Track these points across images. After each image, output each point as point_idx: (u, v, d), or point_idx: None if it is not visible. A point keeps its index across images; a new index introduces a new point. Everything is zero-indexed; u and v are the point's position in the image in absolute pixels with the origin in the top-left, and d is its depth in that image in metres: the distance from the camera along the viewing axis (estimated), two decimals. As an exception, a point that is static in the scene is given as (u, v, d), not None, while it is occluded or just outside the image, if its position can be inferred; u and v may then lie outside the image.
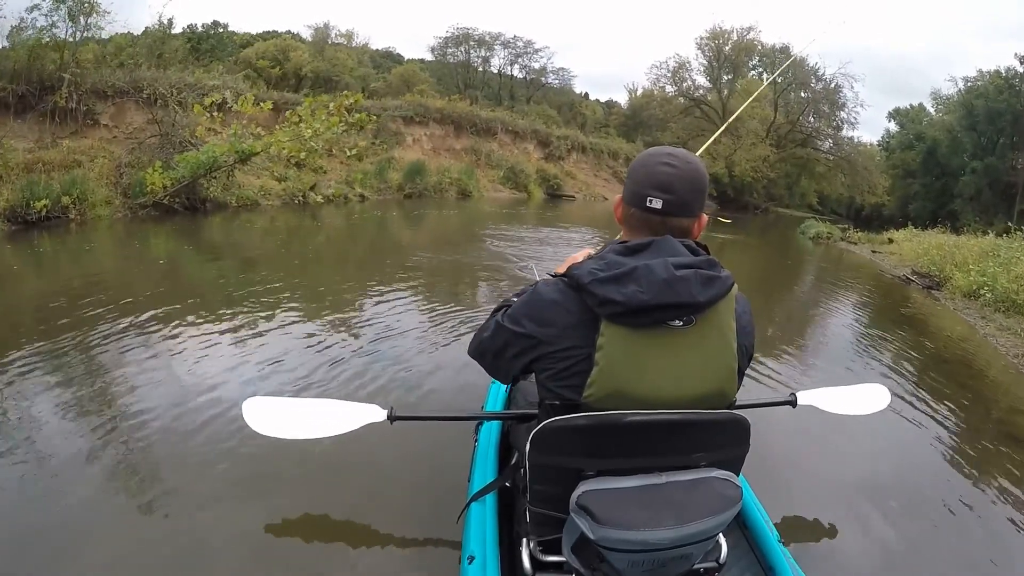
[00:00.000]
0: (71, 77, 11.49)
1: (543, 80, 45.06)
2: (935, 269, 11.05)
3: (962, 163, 35.23)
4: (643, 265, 1.22)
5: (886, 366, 5.49)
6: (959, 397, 4.84)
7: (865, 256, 15.65)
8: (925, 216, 32.71)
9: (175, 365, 3.91)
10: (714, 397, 1.31)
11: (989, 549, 2.73)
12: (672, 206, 1.31)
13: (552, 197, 26.10)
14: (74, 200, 9.28)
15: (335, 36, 39.95)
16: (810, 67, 38.22)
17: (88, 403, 3.30)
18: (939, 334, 7.25)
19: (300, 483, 2.70)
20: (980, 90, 34.18)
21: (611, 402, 1.26)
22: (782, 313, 7.94)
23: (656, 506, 1.25)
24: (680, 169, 1.32)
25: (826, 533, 2.68)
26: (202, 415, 3.19)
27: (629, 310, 1.20)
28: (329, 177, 15.79)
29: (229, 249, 8.94)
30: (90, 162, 10.86)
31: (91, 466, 2.69)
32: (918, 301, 9.41)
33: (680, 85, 41.84)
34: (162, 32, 30.83)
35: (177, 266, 7.54)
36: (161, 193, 10.16)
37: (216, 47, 34.48)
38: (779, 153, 38.40)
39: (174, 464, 2.77)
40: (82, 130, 12.15)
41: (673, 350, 1.26)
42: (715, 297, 1.25)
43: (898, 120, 47.97)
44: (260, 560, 2.24)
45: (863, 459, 3.42)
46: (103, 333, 4.34)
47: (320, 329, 4.86)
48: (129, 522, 2.37)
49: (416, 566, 2.27)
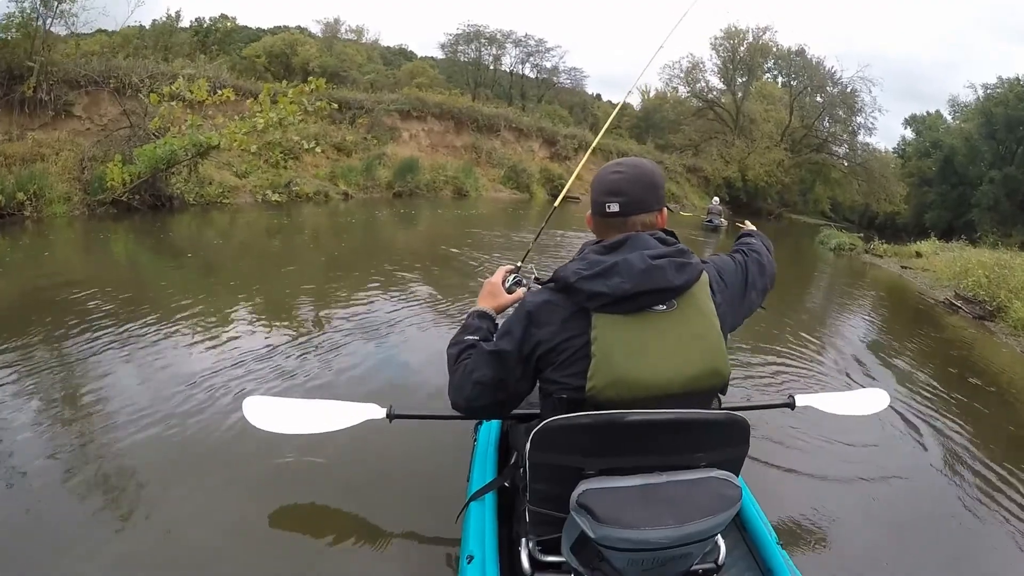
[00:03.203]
0: (39, 66, 11.06)
1: (555, 80, 44.52)
2: (983, 293, 9.52)
3: (980, 172, 33.83)
4: (622, 259, 1.36)
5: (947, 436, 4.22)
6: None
7: (894, 272, 14.45)
8: (941, 226, 31.94)
9: (160, 370, 3.82)
10: (710, 375, 1.39)
11: (989, 553, 2.78)
12: (628, 207, 1.46)
13: (556, 198, 25.34)
14: (30, 196, 8.86)
15: (345, 32, 39.84)
16: (826, 70, 37.47)
17: (65, 409, 3.24)
18: (1004, 379, 5.97)
19: (299, 483, 2.72)
20: (999, 97, 32.89)
21: (614, 390, 1.33)
22: (813, 345, 6.18)
23: (656, 505, 1.27)
24: (627, 174, 1.48)
25: (825, 536, 2.72)
26: (198, 418, 3.19)
27: (615, 299, 1.33)
28: (309, 173, 15.17)
29: (192, 250, 8.45)
30: (55, 155, 10.42)
31: (71, 476, 2.64)
32: (969, 336, 8.03)
33: (693, 86, 41.14)
34: (169, 25, 30.84)
35: (137, 269, 7.23)
36: (121, 190, 9.67)
37: (223, 40, 34.35)
38: (794, 158, 37.66)
39: (173, 465, 2.77)
40: (54, 122, 11.75)
41: (661, 332, 1.36)
42: (689, 280, 1.38)
43: (914, 127, 46.93)
44: (259, 559, 2.25)
45: (862, 463, 3.42)
46: (67, 340, 4.19)
47: (309, 330, 4.83)
48: (118, 528, 2.34)
49: (415, 566, 2.30)
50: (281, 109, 10.36)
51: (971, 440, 4.03)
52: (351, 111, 19.06)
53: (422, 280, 7.03)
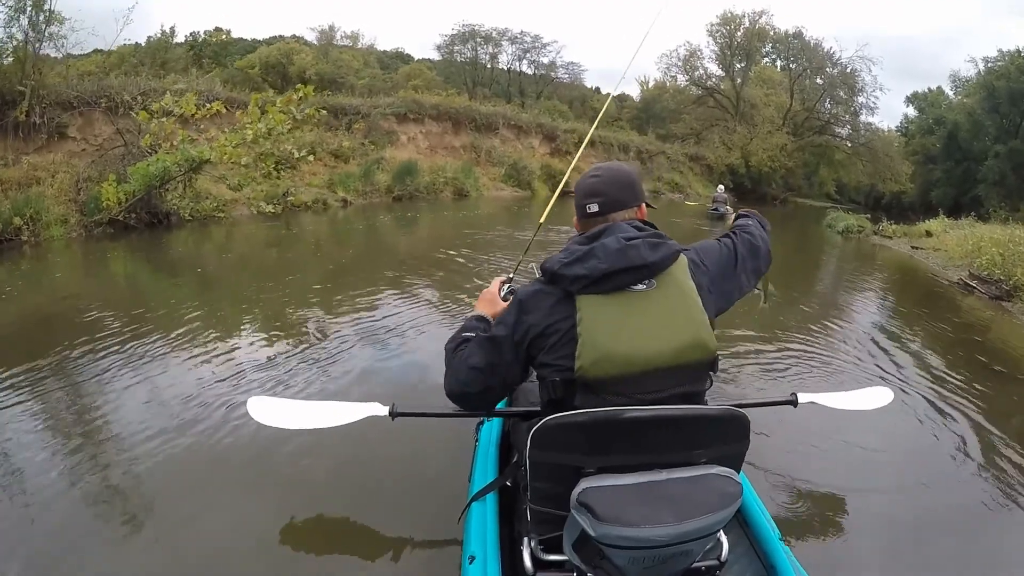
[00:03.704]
0: (30, 90, 10.99)
1: (553, 75, 44.40)
2: (998, 271, 9.05)
3: (985, 147, 33.27)
4: (599, 244, 1.45)
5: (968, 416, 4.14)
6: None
7: (904, 252, 13.99)
8: (947, 203, 31.52)
9: (165, 383, 3.82)
10: (694, 347, 1.43)
11: (993, 549, 2.73)
12: (607, 206, 1.58)
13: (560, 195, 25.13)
14: (27, 221, 8.81)
15: (340, 38, 39.75)
16: (825, 51, 37.15)
17: (71, 425, 3.27)
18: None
19: (300, 483, 2.74)
20: (1001, 71, 32.30)
21: (601, 368, 1.38)
22: (821, 336, 5.91)
23: (656, 503, 1.28)
24: (604, 177, 1.61)
25: (827, 532, 2.71)
26: (204, 424, 3.20)
27: (593, 279, 1.41)
28: (306, 182, 15.05)
29: (190, 265, 8.37)
30: (51, 178, 10.36)
31: (76, 488, 2.65)
32: (987, 318, 7.62)
33: (692, 74, 40.93)
34: (164, 41, 30.88)
35: (138, 287, 7.18)
36: (116, 209, 9.61)
37: (219, 54, 34.37)
38: (796, 141, 37.44)
39: (178, 473, 2.78)
40: (49, 144, 11.67)
41: (642, 309, 1.42)
42: (663, 257, 1.45)
43: (916, 104, 46.46)
44: (260, 559, 2.27)
45: (865, 458, 3.37)
46: (71, 360, 4.20)
47: (311, 337, 4.84)
48: (125, 533, 2.37)
49: (417, 566, 2.29)
50: (270, 119, 10.24)
51: (987, 431, 3.87)
52: (347, 117, 18.98)
53: (422, 284, 6.97)
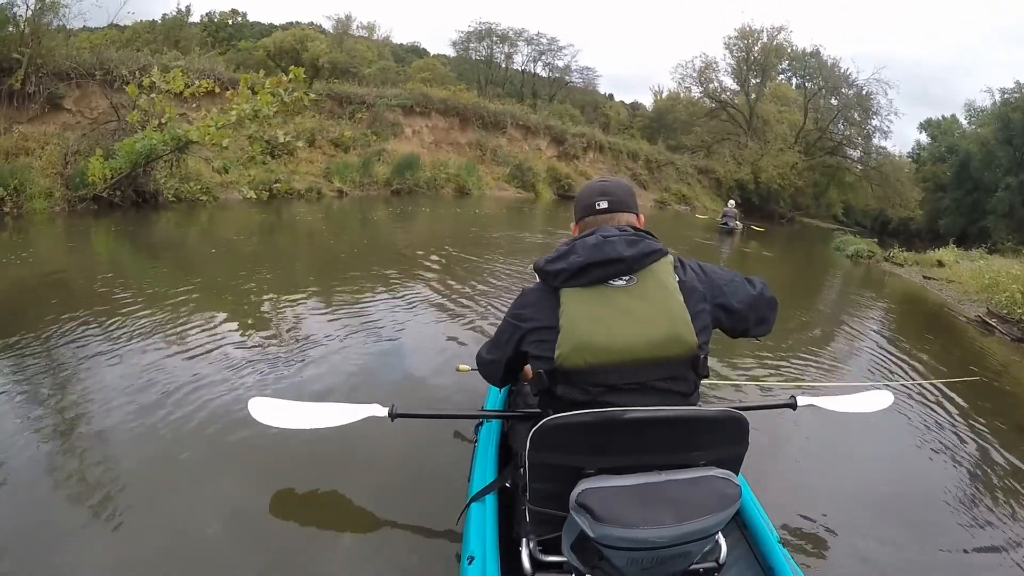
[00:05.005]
0: (27, 59, 10.88)
1: (567, 79, 44.08)
2: (1020, 311, 8.61)
3: (996, 178, 32.74)
4: (580, 241, 1.57)
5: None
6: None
7: (916, 282, 13.40)
8: (955, 232, 31.15)
9: (151, 373, 3.70)
10: (672, 341, 1.47)
11: (993, 551, 2.77)
12: (615, 204, 1.70)
13: (563, 198, 24.79)
14: (10, 192, 8.70)
15: (356, 28, 39.70)
16: (842, 72, 36.82)
17: (55, 411, 3.17)
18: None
19: (300, 482, 2.71)
20: (1017, 103, 31.87)
21: (579, 356, 1.45)
22: (826, 361, 5.68)
23: (655, 504, 1.30)
24: (612, 182, 1.76)
25: (826, 535, 2.72)
26: (197, 420, 3.15)
27: (572, 272, 1.52)
28: (302, 169, 14.85)
29: (171, 249, 8.20)
30: (41, 149, 10.27)
31: (64, 477, 2.61)
32: (1009, 363, 6.86)
33: (706, 86, 40.52)
34: (179, 19, 30.85)
35: (120, 268, 6.90)
36: (101, 185, 9.45)
37: (234, 35, 34.36)
38: (808, 160, 37.02)
39: (173, 466, 2.75)
40: (42, 115, 11.60)
41: (621, 303, 1.49)
42: (640, 253, 1.52)
43: (929, 132, 45.97)
44: (259, 559, 2.25)
45: (864, 462, 3.43)
46: (52, 341, 4.07)
47: (308, 330, 4.76)
48: (115, 525, 2.33)
49: (416, 566, 2.28)
50: (256, 100, 10.01)
51: (987, 434, 3.99)
52: (351, 105, 18.82)
53: (422, 285, 6.75)
